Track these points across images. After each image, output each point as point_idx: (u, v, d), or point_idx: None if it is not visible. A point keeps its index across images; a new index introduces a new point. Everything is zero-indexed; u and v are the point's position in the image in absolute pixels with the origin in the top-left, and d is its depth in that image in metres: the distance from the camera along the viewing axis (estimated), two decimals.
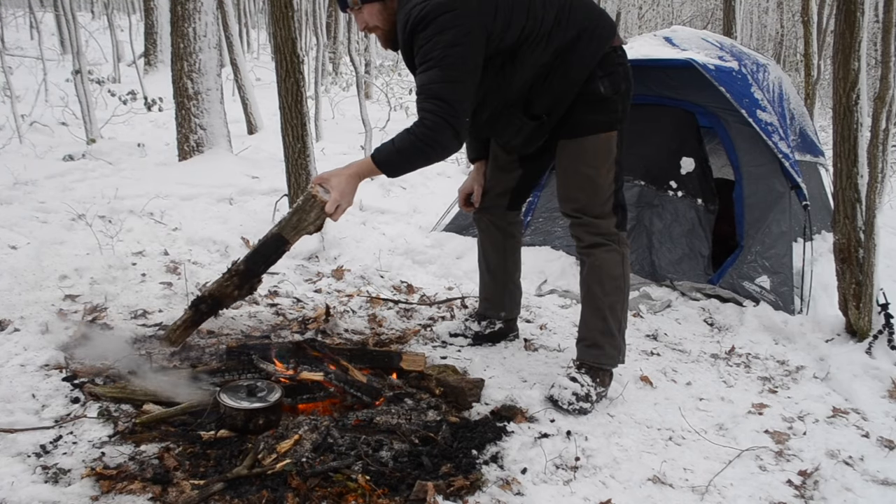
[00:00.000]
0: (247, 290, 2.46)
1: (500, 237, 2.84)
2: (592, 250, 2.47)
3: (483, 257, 2.91)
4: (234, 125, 6.85)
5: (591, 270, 2.48)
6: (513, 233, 2.87)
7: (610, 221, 2.44)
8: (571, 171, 2.42)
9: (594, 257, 2.46)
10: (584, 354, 2.49)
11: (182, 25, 5.52)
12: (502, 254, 2.87)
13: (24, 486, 1.70)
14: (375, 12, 2.26)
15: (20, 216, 3.95)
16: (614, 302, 2.46)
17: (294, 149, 4.06)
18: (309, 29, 13.02)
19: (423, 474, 1.90)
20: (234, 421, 2.01)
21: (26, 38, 16.80)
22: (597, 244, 2.45)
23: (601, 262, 2.45)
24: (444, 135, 2.16)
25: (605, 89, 2.32)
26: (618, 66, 2.36)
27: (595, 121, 2.35)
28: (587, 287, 2.50)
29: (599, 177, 2.39)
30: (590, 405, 2.38)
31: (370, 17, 2.27)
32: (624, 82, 2.38)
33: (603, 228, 2.44)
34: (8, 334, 2.50)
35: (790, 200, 3.57)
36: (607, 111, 2.35)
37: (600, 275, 2.45)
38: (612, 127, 2.37)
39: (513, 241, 2.87)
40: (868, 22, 2.95)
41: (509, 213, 2.81)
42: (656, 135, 3.87)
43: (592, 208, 2.43)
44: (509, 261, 2.89)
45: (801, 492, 2.05)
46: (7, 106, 6.85)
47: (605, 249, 2.45)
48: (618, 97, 2.36)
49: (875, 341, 2.98)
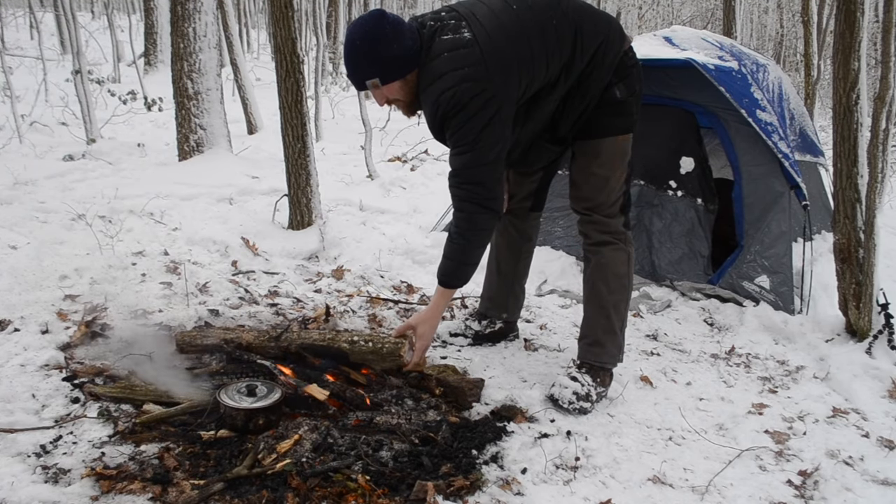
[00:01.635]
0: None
1: (518, 239, 2.84)
2: (600, 248, 2.48)
3: (495, 257, 2.90)
4: (234, 125, 6.84)
5: (596, 268, 2.49)
6: (530, 235, 2.87)
7: (619, 220, 2.48)
8: (587, 171, 2.45)
9: (601, 255, 2.48)
10: (586, 353, 2.50)
11: (182, 25, 5.52)
12: (517, 255, 2.86)
13: (24, 486, 1.70)
14: (396, 89, 2.20)
15: (20, 216, 3.95)
16: (618, 300, 2.48)
17: (294, 149, 4.06)
18: (309, 29, 13.02)
19: (423, 474, 1.90)
20: (234, 421, 2.02)
21: (26, 38, 16.79)
22: (605, 242, 2.48)
23: (608, 260, 2.47)
24: (484, 219, 2.23)
25: (621, 94, 2.35)
26: (631, 68, 2.38)
27: (612, 124, 2.38)
28: (592, 284, 2.51)
29: (613, 178, 2.43)
30: (590, 405, 2.38)
31: (390, 93, 2.21)
32: (638, 83, 2.41)
33: (612, 227, 2.47)
34: (8, 334, 2.50)
35: (790, 200, 3.57)
36: (624, 114, 2.39)
37: (606, 273, 2.47)
38: (628, 129, 2.41)
39: (529, 244, 2.88)
40: (868, 22, 2.95)
41: (532, 214, 2.82)
42: (656, 135, 3.86)
43: (603, 208, 2.46)
44: (521, 263, 2.89)
45: (801, 492, 2.05)
46: (7, 106, 6.85)
47: (613, 248, 2.47)
48: (633, 99, 2.39)
49: (875, 341, 2.98)
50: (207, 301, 3.12)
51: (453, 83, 2.08)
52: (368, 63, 2.12)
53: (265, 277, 3.53)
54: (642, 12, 21.47)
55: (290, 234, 4.10)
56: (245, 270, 3.58)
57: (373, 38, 2.09)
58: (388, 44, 2.09)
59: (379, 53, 2.09)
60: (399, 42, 2.10)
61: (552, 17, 2.23)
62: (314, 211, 4.15)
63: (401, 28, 2.12)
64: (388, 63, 2.11)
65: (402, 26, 2.13)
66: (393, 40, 2.09)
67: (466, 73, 2.08)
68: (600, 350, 2.47)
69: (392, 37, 2.09)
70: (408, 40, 2.11)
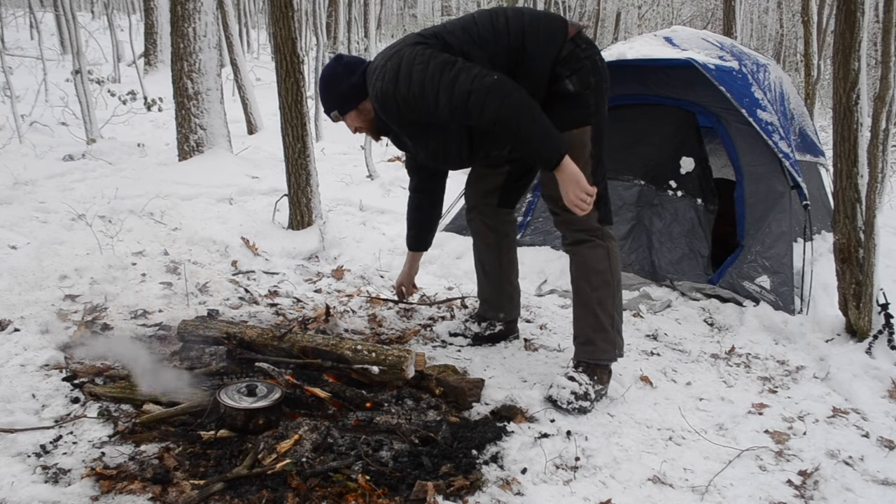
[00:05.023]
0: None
1: (494, 237, 2.86)
2: (576, 247, 2.49)
3: (478, 259, 2.92)
4: (234, 125, 6.85)
5: (576, 267, 2.51)
6: (507, 232, 2.88)
7: (590, 216, 2.40)
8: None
9: (578, 254, 2.49)
10: (580, 352, 2.51)
11: (182, 25, 5.52)
12: (497, 254, 2.88)
13: (24, 486, 1.70)
14: (354, 117, 2.50)
15: (20, 216, 3.96)
16: (602, 297, 2.46)
17: (294, 149, 4.07)
18: (309, 29, 13.00)
19: (423, 474, 1.90)
20: (234, 421, 2.01)
21: (26, 38, 16.77)
22: (580, 241, 2.47)
23: (584, 259, 2.48)
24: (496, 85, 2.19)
25: (573, 87, 2.34)
26: (583, 60, 2.36)
27: (567, 118, 2.35)
28: (575, 284, 2.53)
29: None
30: (589, 403, 2.38)
31: (352, 122, 2.51)
32: (593, 76, 2.37)
33: (584, 224, 2.43)
34: (8, 334, 2.50)
35: (790, 200, 3.57)
36: (579, 107, 2.37)
37: (585, 270, 2.47)
38: (584, 122, 2.38)
39: (507, 240, 2.88)
40: (868, 22, 2.95)
41: (501, 210, 2.83)
42: (656, 135, 3.87)
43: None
44: (504, 261, 2.89)
45: (801, 492, 2.05)
46: (7, 106, 6.85)
47: (589, 245, 2.46)
48: (589, 92, 2.37)
49: (875, 341, 2.98)
50: (207, 301, 3.12)
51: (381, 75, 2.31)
52: (328, 99, 2.49)
53: (265, 277, 3.54)
54: (642, 12, 21.46)
55: (290, 234, 4.10)
56: (245, 270, 3.59)
57: (329, 80, 2.46)
58: (337, 83, 2.45)
59: (333, 91, 2.47)
60: (345, 80, 2.44)
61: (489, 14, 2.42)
62: (314, 211, 4.16)
63: (351, 68, 2.45)
64: (339, 97, 2.46)
65: (354, 67, 2.45)
66: (342, 79, 2.44)
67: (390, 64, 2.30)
68: (592, 348, 2.48)
69: (340, 76, 2.44)
70: (355, 77, 2.43)
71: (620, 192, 3.87)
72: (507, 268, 2.91)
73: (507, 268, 2.91)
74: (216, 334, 2.46)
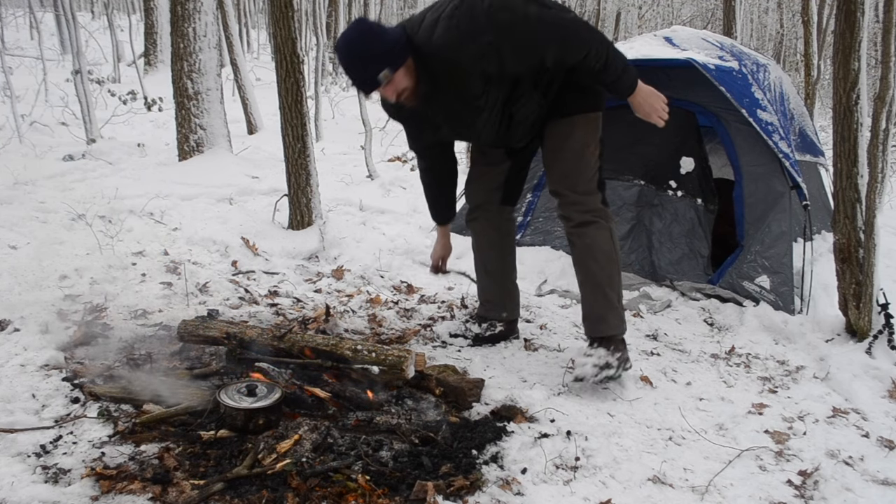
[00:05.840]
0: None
1: (497, 236, 2.87)
2: (583, 229, 2.54)
3: (480, 259, 2.93)
4: (234, 125, 6.84)
5: (583, 249, 2.56)
6: (508, 230, 2.92)
7: (596, 197, 2.56)
8: (561, 149, 2.56)
9: (585, 236, 2.54)
10: (592, 329, 2.58)
11: (182, 25, 5.52)
12: (500, 253, 2.90)
13: (24, 486, 1.70)
14: (403, 75, 2.28)
15: (20, 216, 3.95)
16: (611, 274, 2.56)
17: (294, 149, 4.07)
18: (309, 29, 13.03)
19: (423, 474, 1.90)
20: (234, 421, 2.01)
21: (26, 38, 16.76)
22: (587, 222, 2.54)
23: (592, 240, 2.54)
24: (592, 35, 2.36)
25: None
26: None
27: (584, 102, 2.54)
28: (583, 265, 2.58)
29: (587, 152, 2.54)
30: (614, 370, 2.46)
31: (399, 83, 2.28)
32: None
33: (591, 205, 2.54)
34: (8, 334, 2.50)
35: (790, 200, 3.57)
36: (593, 94, 2.55)
37: (594, 251, 2.54)
38: (598, 107, 2.57)
39: (508, 239, 2.92)
40: (868, 22, 2.95)
41: (504, 209, 2.86)
42: (656, 135, 3.83)
43: (579, 185, 2.54)
44: (507, 260, 2.92)
45: (801, 492, 2.05)
46: (7, 106, 6.84)
47: (596, 227, 2.54)
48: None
49: (875, 341, 2.98)
50: (207, 301, 3.12)
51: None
52: (373, 59, 2.22)
53: (265, 277, 3.54)
54: (642, 12, 21.46)
55: (290, 234, 4.10)
56: (245, 270, 3.58)
57: (367, 38, 2.22)
58: (380, 37, 2.22)
59: (378, 47, 2.21)
60: (387, 33, 2.25)
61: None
62: (314, 211, 4.16)
63: (382, 25, 2.29)
64: (388, 52, 2.22)
65: (382, 25, 2.30)
66: (381, 33, 2.24)
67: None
68: (604, 325, 2.56)
69: (379, 31, 2.24)
70: (394, 32, 2.28)
71: (620, 192, 3.87)
72: (509, 267, 2.94)
73: (509, 267, 2.94)
74: (216, 334, 2.46)
